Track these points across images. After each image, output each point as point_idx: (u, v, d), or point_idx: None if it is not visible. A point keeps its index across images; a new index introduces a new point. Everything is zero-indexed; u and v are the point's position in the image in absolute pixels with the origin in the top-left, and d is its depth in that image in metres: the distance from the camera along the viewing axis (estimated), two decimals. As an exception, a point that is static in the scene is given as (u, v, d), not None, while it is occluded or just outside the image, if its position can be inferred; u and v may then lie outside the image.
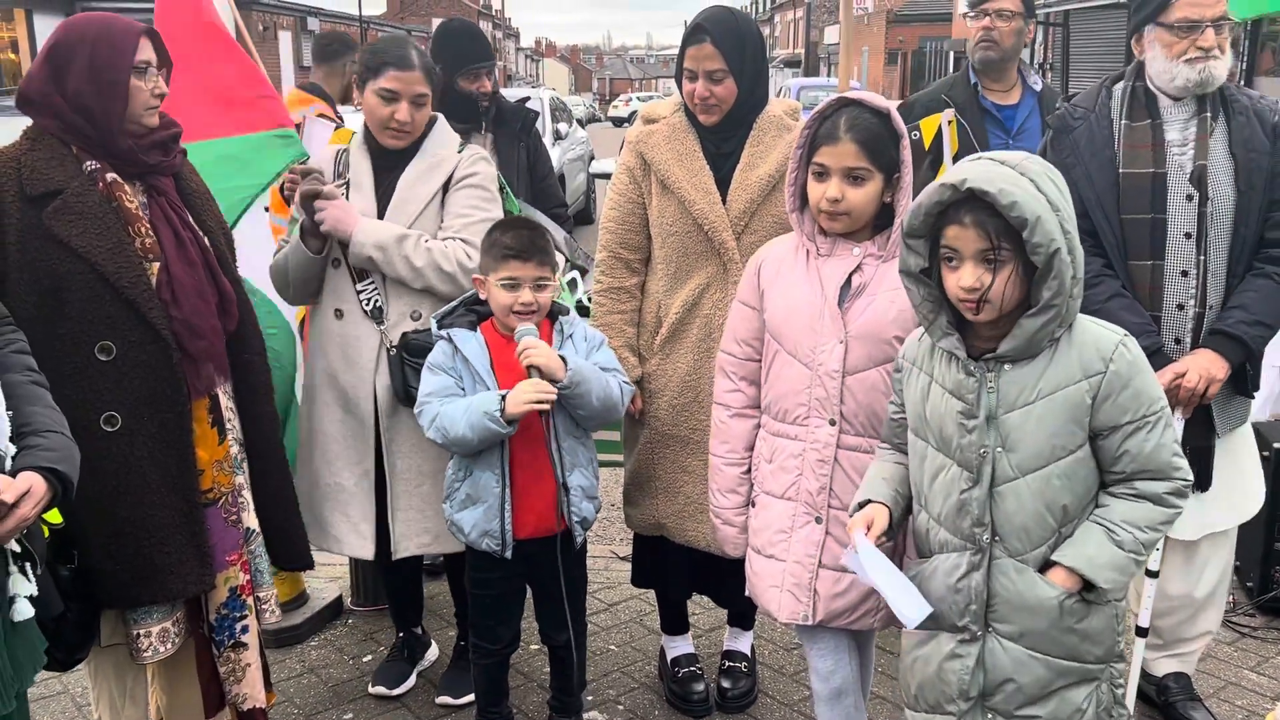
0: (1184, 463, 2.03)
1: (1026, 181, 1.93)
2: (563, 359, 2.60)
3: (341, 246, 2.95)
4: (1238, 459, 3.00)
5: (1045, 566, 2.04)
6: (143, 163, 2.43)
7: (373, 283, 2.97)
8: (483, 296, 2.72)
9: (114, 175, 2.39)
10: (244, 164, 3.14)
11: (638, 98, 61.39)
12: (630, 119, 50.26)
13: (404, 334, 2.93)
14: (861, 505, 2.21)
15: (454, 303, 2.79)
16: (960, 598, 2.07)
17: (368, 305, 2.97)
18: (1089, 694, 2.08)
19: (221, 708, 2.68)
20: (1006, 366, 2.02)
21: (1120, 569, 1.99)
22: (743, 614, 3.32)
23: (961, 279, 1.97)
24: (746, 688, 3.25)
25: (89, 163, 2.37)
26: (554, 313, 2.75)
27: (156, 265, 2.40)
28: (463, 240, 2.95)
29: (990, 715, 2.09)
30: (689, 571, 3.13)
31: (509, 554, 2.70)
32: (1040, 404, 1.99)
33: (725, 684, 3.25)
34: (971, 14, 3.67)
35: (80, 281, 2.31)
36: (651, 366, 2.99)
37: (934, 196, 1.98)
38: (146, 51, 2.40)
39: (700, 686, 3.22)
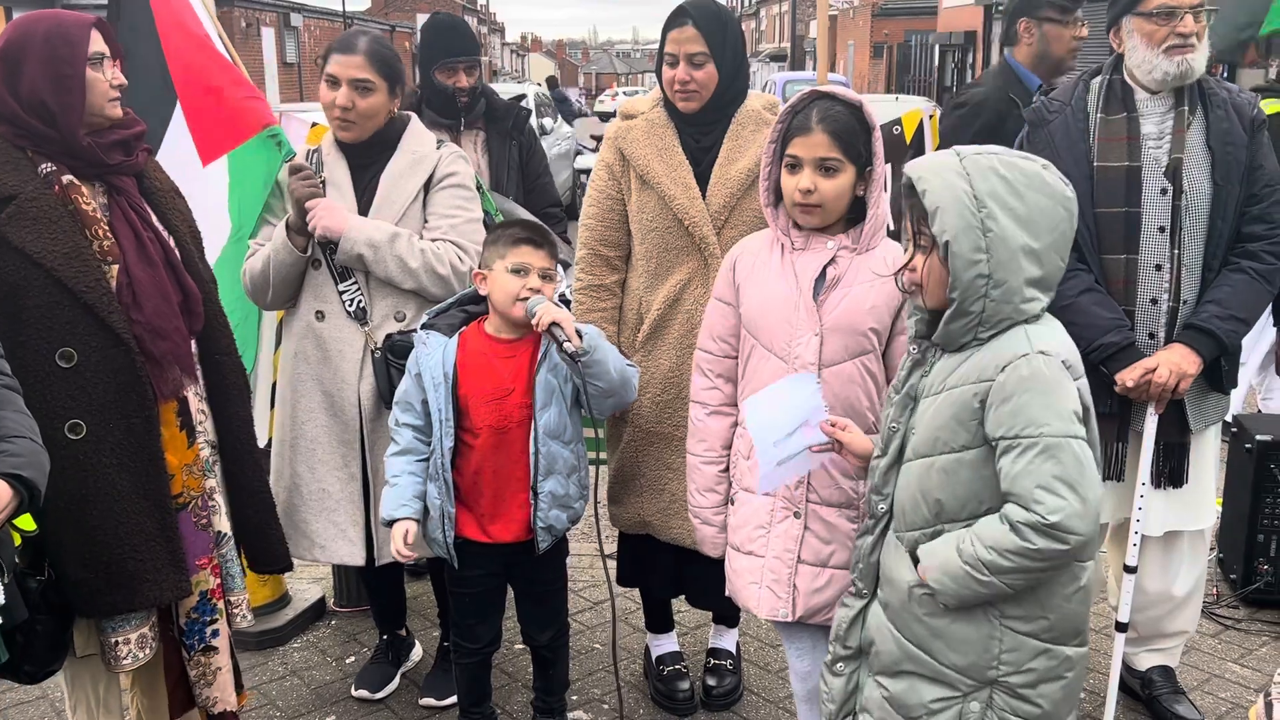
0: (1055, 501, 1.80)
1: (958, 175, 1.90)
2: (578, 332, 2.55)
3: (321, 246, 2.91)
4: (1206, 458, 2.98)
5: (914, 553, 2.04)
6: (103, 162, 2.39)
7: (355, 283, 2.93)
8: (483, 292, 2.68)
9: (70, 177, 2.35)
10: (254, 168, 3.13)
11: (623, 93, 61.05)
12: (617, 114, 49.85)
13: (388, 335, 2.90)
14: None
15: (448, 301, 2.76)
16: (854, 555, 2.17)
17: (350, 306, 2.93)
18: (945, 702, 2.00)
19: (189, 709, 2.65)
20: (943, 354, 2.01)
21: (951, 575, 1.90)
22: (727, 612, 3.31)
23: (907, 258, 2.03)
24: (732, 685, 3.24)
25: (44, 165, 2.33)
26: None
27: (116, 268, 2.36)
28: (452, 242, 2.92)
29: (867, 670, 2.15)
30: (673, 571, 3.11)
31: (456, 565, 2.72)
32: (942, 396, 1.97)
33: (710, 681, 3.24)
34: (1063, 20, 3.53)
35: (37, 288, 2.27)
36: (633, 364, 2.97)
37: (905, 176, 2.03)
38: (99, 43, 2.36)
39: (685, 684, 3.21)
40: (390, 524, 2.63)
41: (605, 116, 50.48)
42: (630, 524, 3.08)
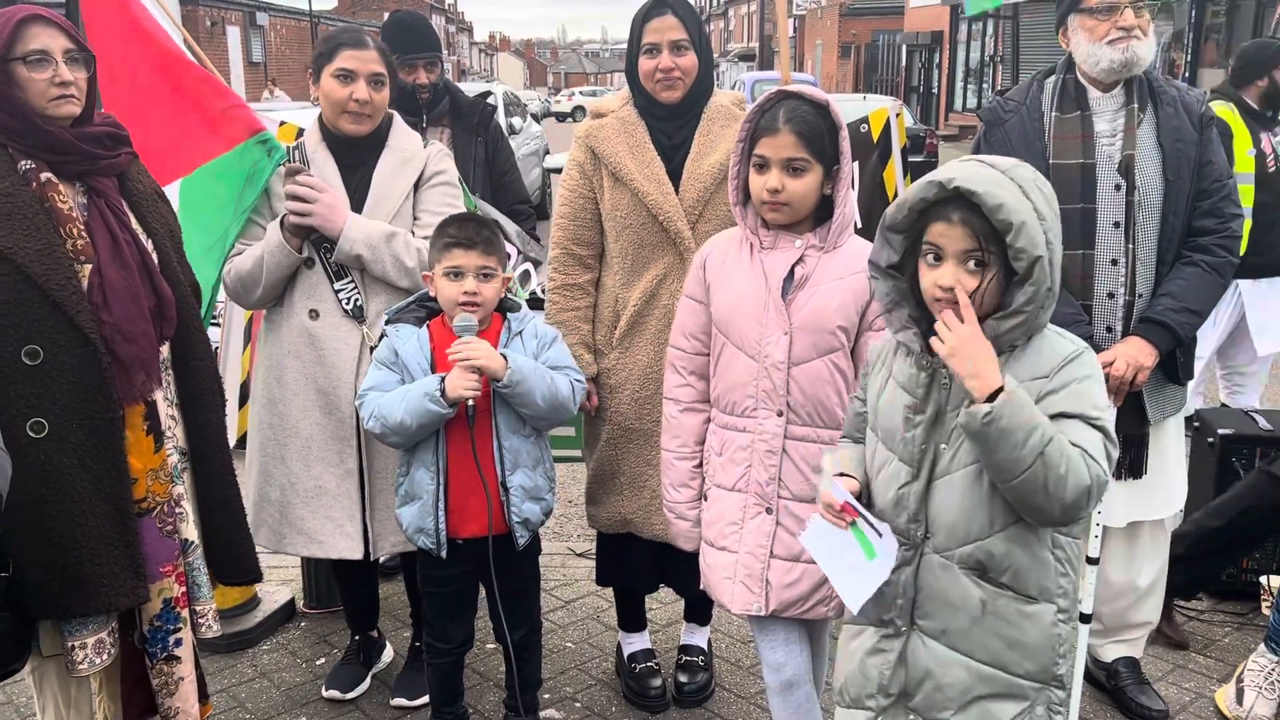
0: (1103, 468, 1.86)
1: (1014, 187, 1.88)
2: (504, 356, 2.58)
3: (316, 245, 2.90)
4: (1167, 450, 3.03)
5: (972, 566, 1.97)
6: (84, 151, 2.36)
7: (351, 281, 2.93)
8: (432, 294, 2.70)
9: (49, 175, 2.32)
10: (242, 176, 3.06)
11: (580, 92, 60.59)
12: (574, 115, 49.27)
13: (384, 332, 2.88)
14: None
15: (409, 299, 2.77)
16: (889, 590, 2.03)
17: (348, 304, 2.92)
18: (1020, 713, 1.98)
19: (148, 716, 2.61)
20: None
21: (1024, 418, 1.79)
22: (699, 609, 3.32)
23: (941, 277, 1.92)
24: (704, 681, 3.25)
25: (24, 163, 2.31)
26: (504, 309, 2.73)
27: (89, 268, 2.33)
28: None
29: (911, 715, 2.05)
30: (654, 566, 3.12)
31: (444, 553, 2.69)
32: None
33: (682, 678, 3.24)
34: None
35: (6, 283, 2.24)
36: (610, 361, 2.97)
37: (920, 193, 1.93)
38: (38, 40, 2.29)
39: (657, 682, 3.22)
40: (442, 383, 2.54)
41: (561, 117, 49.71)
42: (610, 523, 3.07)
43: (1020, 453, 1.80)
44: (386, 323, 2.72)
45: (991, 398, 1.82)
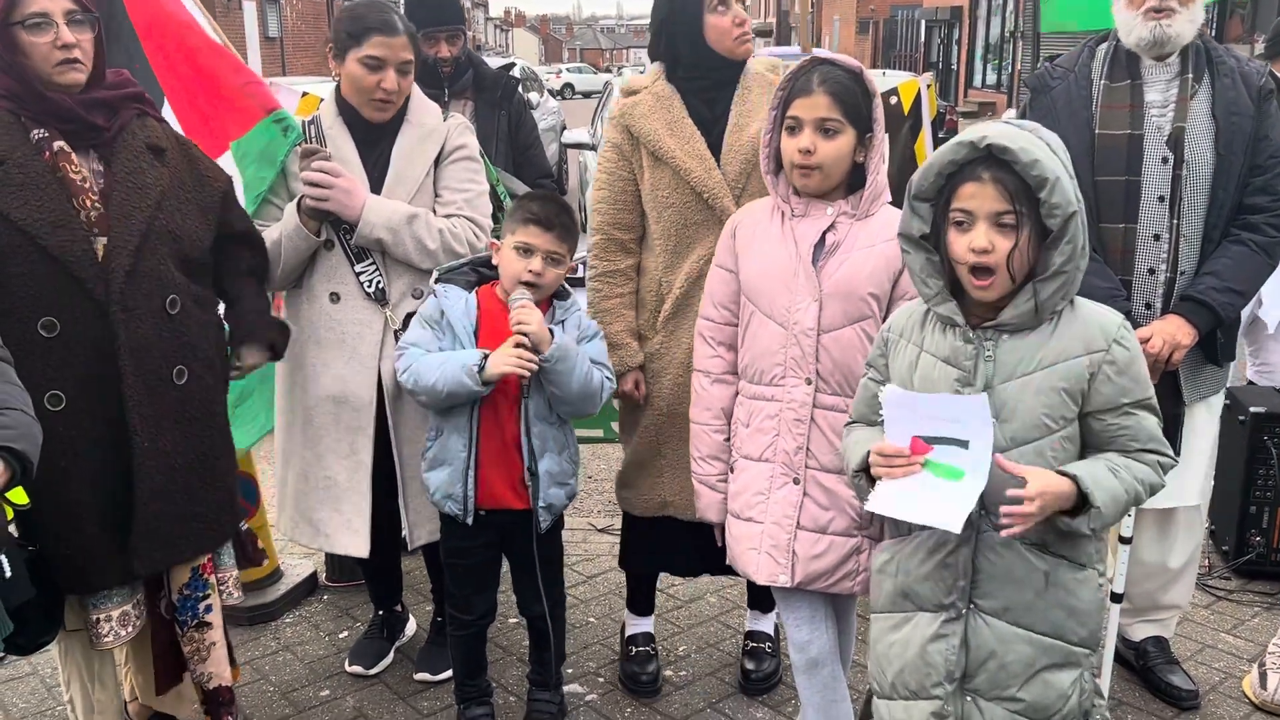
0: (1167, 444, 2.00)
1: (1043, 144, 1.88)
2: (551, 332, 2.56)
3: (335, 227, 2.84)
4: (1201, 432, 2.95)
5: (1034, 541, 1.96)
6: (84, 120, 2.30)
7: (372, 263, 2.86)
8: (495, 262, 2.67)
9: (62, 144, 2.28)
10: (256, 156, 3.02)
11: (567, 69, 60.32)
12: (563, 92, 48.65)
13: (409, 314, 2.83)
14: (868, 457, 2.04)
15: (462, 260, 2.74)
16: (949, 574, 1.99)
17: (369, 286, 2.86)
18: (1074, 681, 2.01)
19: (174, 684, 2.62)
20: (1005, 335, 1.95)
21: (1114, 498, 1.89)
22: (763, 595, 3.19)
23: (974, 240, 1.90)
24: (771, 668, 3.17)
25: (36, 131, 2.27)
26: (553, 294, 2.69)
27: (104, 240, 2.28)
28: (468, 218, 2.87)
29: (970, 698, 2.02)
30: (693, 551, 2.99)
31: (470, 520, 2.67)
32: (1040, 375, 1.92)
33: (749, 665, 3.17)
34: None
35: (21, 255, 2.21)
36: (654, 345, 2.90)
37: (948, 155, 1.92)
38: (38, 3, 2.23)
39: (651, 667, 3.16)
40: (483, 360, 2.50)
41: (552, 94, 48.41)
42: (649, 507, 3.00)
43: (1121, 509, 1.94)
44: (435, 281, 2.68)
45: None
